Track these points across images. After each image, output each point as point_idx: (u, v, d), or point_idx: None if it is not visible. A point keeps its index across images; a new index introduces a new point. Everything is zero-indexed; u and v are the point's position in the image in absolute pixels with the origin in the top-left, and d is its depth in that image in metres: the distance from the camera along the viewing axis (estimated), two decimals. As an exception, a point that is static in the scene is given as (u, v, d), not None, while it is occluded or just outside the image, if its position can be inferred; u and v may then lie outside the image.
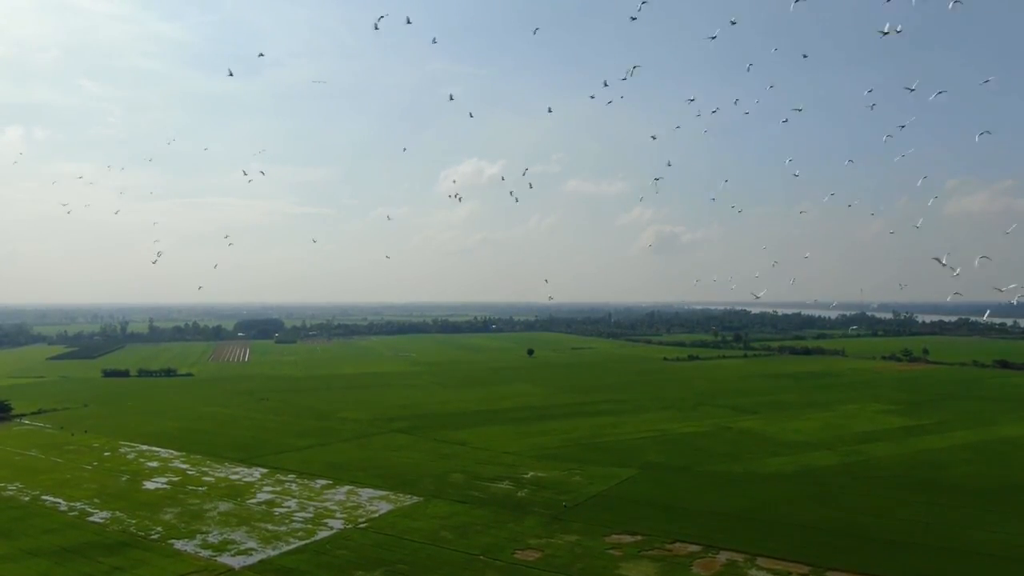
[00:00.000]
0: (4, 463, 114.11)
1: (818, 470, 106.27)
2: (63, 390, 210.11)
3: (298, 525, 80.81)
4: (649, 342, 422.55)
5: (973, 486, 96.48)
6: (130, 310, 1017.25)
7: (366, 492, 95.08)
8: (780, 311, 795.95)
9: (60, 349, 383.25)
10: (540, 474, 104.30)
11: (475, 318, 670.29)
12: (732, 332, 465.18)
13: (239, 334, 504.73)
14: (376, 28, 72.66)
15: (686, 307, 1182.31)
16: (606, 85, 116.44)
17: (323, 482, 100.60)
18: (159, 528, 79.99)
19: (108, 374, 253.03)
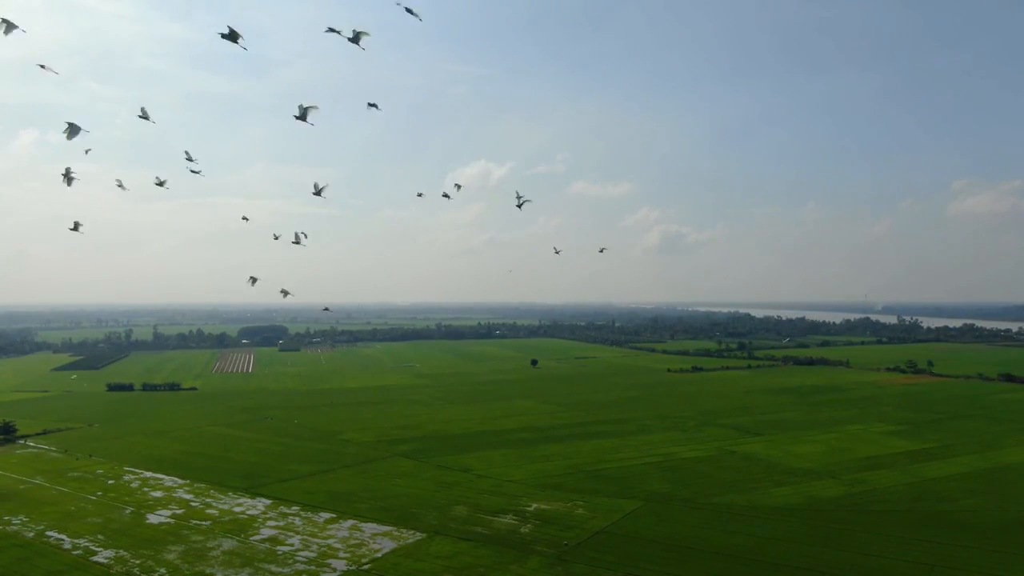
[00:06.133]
0: (9, 492, 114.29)
1: (823, 502, 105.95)
2: (68, 406, 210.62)
3: (301, 566, 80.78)
4: (653, 350, 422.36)
5: (978, 522, 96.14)
6: (135, 312, 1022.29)
7: (369, 527, 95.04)
8: (784, 315, 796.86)
9: (65, 359, 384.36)
10: (543, 506, 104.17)
11: (479, 323, 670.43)
12: (736, 339, 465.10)
13: (243, 341, 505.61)
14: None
15: (689, 310, 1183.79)
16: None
17: (326, 516, 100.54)
18: (163, 569, 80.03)
19: (112, 388, 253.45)
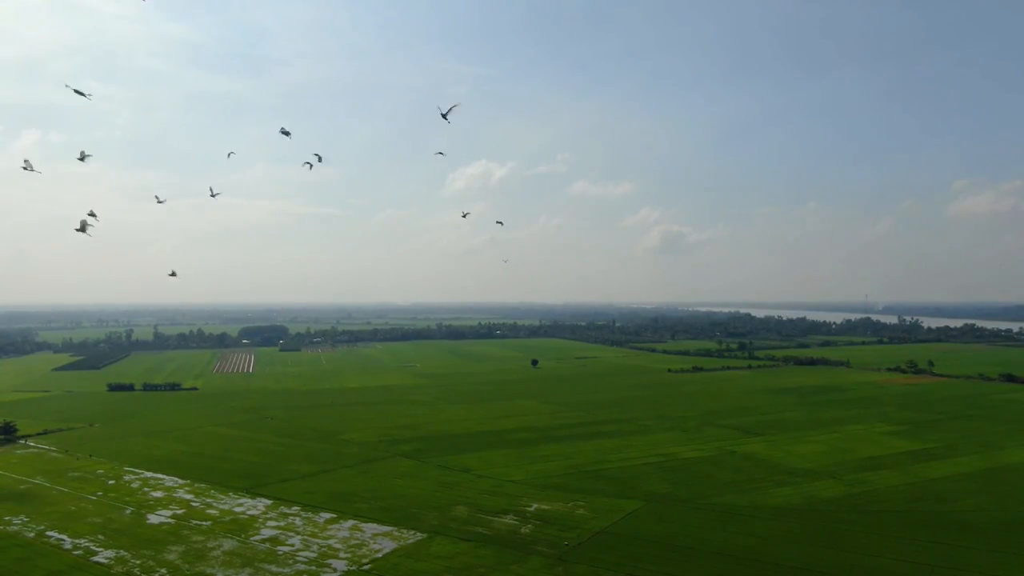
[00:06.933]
0: (10, 492, 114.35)
1: (824, 503, 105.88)
2: (68, 406, 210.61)
3: (302, 567, 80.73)
4: (653, 350, 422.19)
5: (978, 522, 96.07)
6: (136, 312, 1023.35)
7: (370, 528, 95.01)
8: (785, 315, 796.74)
9: (65, 359, 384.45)
10: (544, 507, 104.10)
11: (480, 323, 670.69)
12: (736, 339, 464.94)
13: (244, 341, 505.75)
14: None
15: (690, 310, 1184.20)
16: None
17: (327, 516, 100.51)
18: (163, 570, 79.99)
19: (113, 388, 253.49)
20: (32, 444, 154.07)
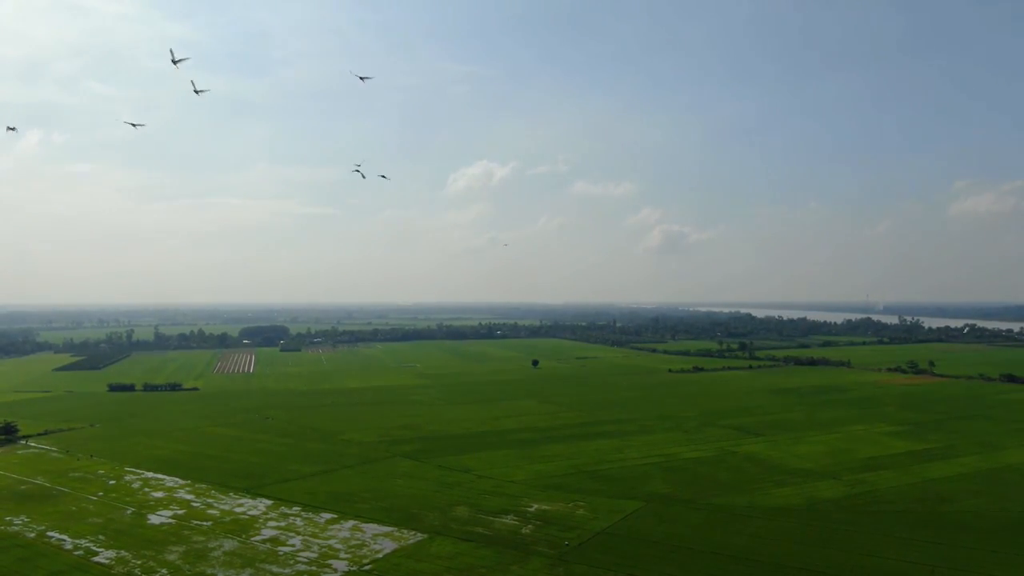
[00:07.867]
0: (10, 493, 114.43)
1: (824, 503, 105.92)
2: (69, 407, 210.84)
3: (303, 567, 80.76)
4: (654, 350, 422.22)
5: (979, 523, 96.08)
6: (137, 312, 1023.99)
7: (370, 528, 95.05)
8: (785, 315, 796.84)
9: (66, 359, 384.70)
10: (544, 507, 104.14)
11: (480, 324, 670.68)
12: (737, 340, 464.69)
13: (244, 341, 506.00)
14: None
15: (690, 310, 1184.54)
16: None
17: (328, 516, 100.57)
18: (164, 570, 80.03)
19: (114, 388, 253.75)
20: (33, 444, 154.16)
